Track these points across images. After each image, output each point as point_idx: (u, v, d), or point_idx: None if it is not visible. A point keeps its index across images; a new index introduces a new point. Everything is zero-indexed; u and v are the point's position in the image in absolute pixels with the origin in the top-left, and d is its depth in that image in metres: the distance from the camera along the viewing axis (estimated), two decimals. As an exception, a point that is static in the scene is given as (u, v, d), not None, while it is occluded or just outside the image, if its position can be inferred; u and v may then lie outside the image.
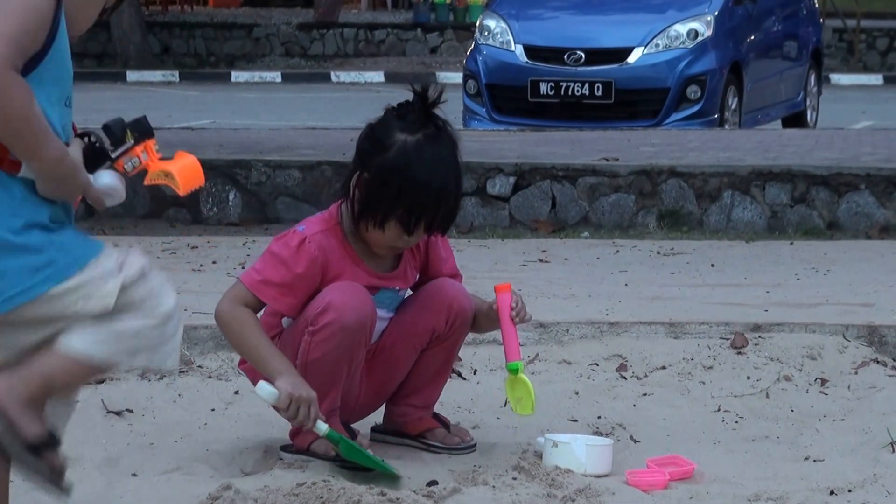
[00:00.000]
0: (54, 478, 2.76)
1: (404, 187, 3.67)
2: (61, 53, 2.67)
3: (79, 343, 2.74)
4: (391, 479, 3.67)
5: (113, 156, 2.78)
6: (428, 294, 3.90)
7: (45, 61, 2.63)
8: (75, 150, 2.74)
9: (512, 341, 3.85)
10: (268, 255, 3.77)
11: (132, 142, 2.80)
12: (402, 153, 3.70)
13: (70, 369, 2.78)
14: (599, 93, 11.45)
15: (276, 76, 21.13)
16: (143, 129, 2.81)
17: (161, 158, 2.83)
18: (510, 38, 11.80)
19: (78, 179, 2.74)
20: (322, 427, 3.65)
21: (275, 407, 3.67)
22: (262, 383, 3.63)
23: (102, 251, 2.78)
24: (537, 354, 4.89)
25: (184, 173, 2.84)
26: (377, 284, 3.83)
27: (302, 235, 3.74)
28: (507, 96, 11.76)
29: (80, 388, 2.95)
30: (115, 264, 2.77)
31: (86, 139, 2.77)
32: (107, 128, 2.79)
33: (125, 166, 2.81)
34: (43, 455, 2.73)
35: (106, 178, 2.79)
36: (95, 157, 2.77)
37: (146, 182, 2.86)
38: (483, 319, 3.93)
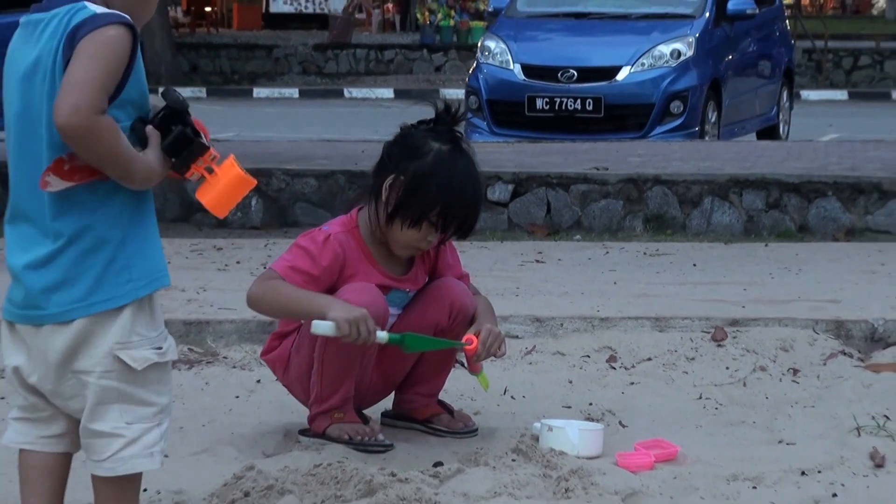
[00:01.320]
0: None
1: (443, 189, 3.68)
2: (139, 78, 2.73)
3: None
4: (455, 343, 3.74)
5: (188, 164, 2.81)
6: (433, 292, 3.89)
7: (126, 89, 2.70)
8: (154, 145, 2.76)
9: (475, 368, 3.85)
10: (295, 247, 3.76)
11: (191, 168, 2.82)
12: (440, 160, 3.71)
13: (121, 492, 2.83)
14: (590, 108, 11.45)
15: (293, 92, 21.12)
16: (200, 152, 2.82)
17: (217, 162, 2.82)
18: (509, 57, 11.80)
19: (158, 178, 2.78)
20: (382, 336, 3.61)
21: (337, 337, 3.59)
22: (315, 323, 3.56)
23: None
24: (534, 346, 4.89)
25: (220, 203, 2.83)
26: (390, 285, 3.82)
27: (327, 233, 3.76)
28: (506, 111, 11.76)
29: None
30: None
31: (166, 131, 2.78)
32: (175, 152, 2.80)
33: (192, 178, 2.83)
34: None
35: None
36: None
37: (195, 197, 2.89)
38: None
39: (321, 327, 3.55)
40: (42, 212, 2.72)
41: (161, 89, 2.84)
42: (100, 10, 2.69)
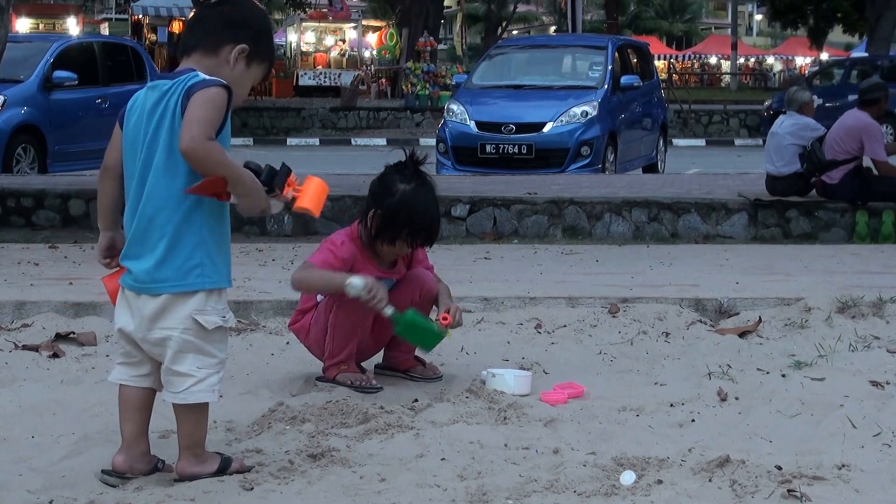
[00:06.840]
0: (245, 469, 2.91)
1: (407, 219, 3.67)
2: (227, 127, 2.80)
3: (184, 396, 2.80)
4: (437, 336, 3.63)
5: (276, 191, 2.84)
6: (409, 279, 3.89)
7: (220, 134, 2.75)
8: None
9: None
10: (323, 248, 3.78)
11: (284, 188, 2.85)
12: (404, 197, 3.70)
13: (195, 418, 2.83)
14: (525, 151, 11.44)
15: (316, 141, 21.00)
16: (287, 173, 2.85)
17: (299, 184, 2.87)
18: (467, 116, 11.78)
19: (257, 192, 2.79)
20: (388, 311, 3.56)
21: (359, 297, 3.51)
22: (351, 283, 3.48)
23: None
24: (483, 318, 4.88)
25: (314, 204, 2.87)
26: (382, 276, 3.80)
27: (342, 239, 3.78)
28: (464, 154, 11.73)
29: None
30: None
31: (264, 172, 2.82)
32: (270, 180, 2.82)
33: (287, 195, 2.87)
34: (229, 469, 2.88)
35: (276, 208, 2.86)
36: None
37: (293, 209, 2.90)
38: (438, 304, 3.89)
39: (354, 286, 3.48)
40: (150, 218, 2.76)
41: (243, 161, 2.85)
42: (207, 77, 2.76)
